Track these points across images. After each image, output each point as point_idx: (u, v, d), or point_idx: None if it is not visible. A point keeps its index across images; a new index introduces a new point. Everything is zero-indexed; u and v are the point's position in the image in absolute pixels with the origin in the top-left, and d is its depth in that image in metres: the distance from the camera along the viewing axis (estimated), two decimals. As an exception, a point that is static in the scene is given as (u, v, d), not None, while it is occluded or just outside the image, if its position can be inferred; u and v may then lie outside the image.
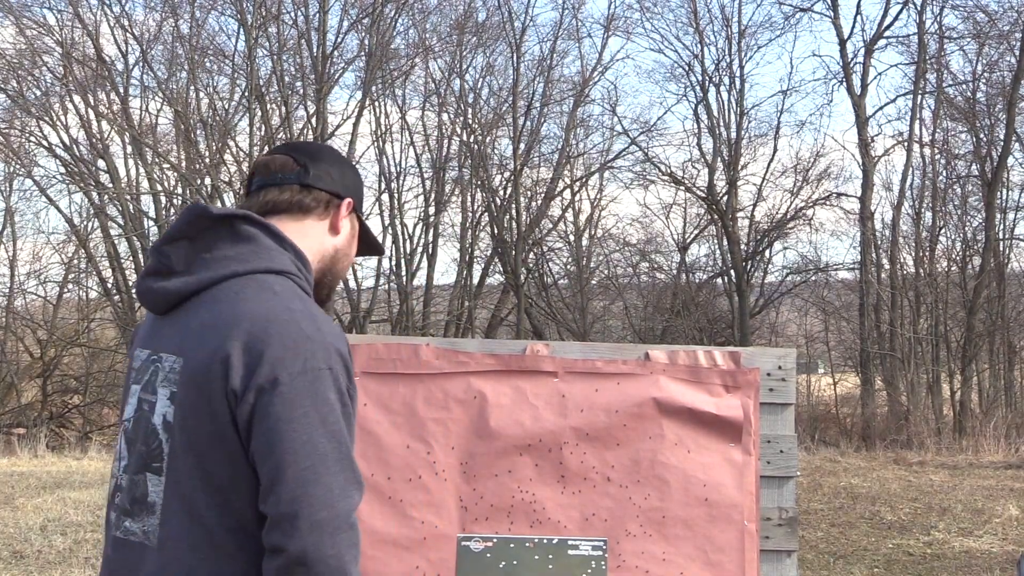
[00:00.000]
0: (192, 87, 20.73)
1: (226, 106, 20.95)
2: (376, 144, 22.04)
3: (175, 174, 20.01)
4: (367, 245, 1.96)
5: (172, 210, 20.74)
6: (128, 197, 19.87)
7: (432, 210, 22.29)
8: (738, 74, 21.83)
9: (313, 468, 1.51)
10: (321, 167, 1.83)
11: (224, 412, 1.57)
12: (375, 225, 21.47)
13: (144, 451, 1.66)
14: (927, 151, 21.05)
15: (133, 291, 21.32)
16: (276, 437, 1.52)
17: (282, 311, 1.59)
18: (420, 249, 22.31)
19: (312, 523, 1.49)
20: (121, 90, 20.11)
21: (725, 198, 21.07)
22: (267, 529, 1.52)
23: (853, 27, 21.81)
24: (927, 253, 20.52)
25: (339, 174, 1.86)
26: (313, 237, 1.81)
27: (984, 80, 21.01)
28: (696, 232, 23.44)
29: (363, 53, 20.55)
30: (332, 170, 1.84)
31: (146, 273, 1.74)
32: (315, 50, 20.07)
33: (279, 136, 19.83)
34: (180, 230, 1.70)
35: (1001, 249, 20.31)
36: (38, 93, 20.14)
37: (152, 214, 20.84)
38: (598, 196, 24.09)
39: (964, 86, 21.12)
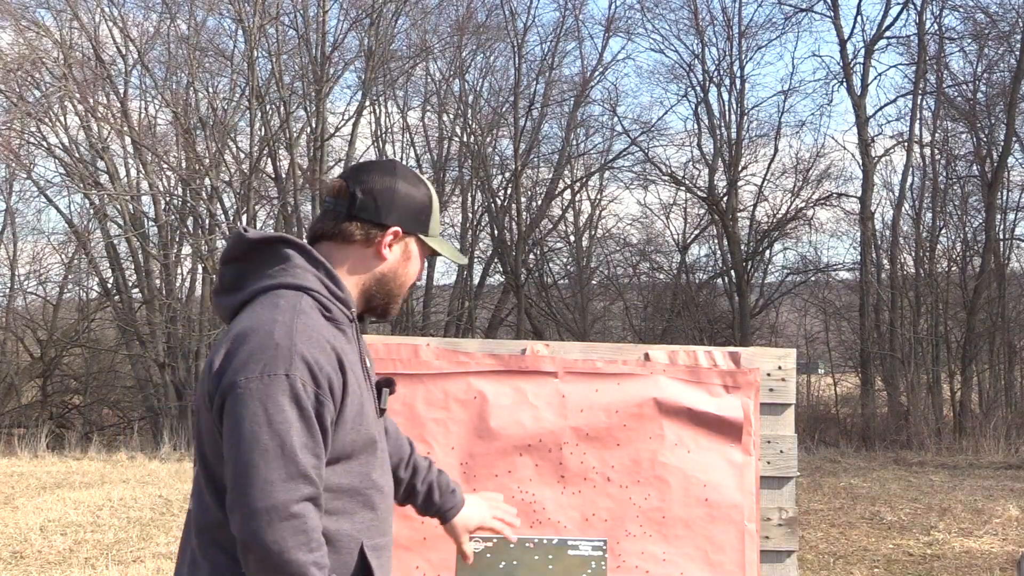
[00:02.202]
0: (191, 88, 20.74)
1: (225, 107, 20.96)
2: (376, 145, 22.05)
3: (174, 175, 20.01)
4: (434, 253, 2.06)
5: (171, 211, 20.74)
6: (128, 197, 19.86)
7: (432, 210, 22.25)
8: (739, 74, 21.84)
9: (253, 463, 1.65)
10: (369, 195, 1.93)
11: (211, 408, 1.76)
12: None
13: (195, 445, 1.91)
14: (927, 151, 21.05)
15: (132, 292, 21.37)
16: (230, 435, 1.69)
17: (267, 322, 1.77)
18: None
19: (251, 512, 1.64)
20: (120, 91, 20.11)
21: (725, 198, 21.07)
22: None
23: (853, 27, 21.84)
24: (927, 253, 20.51)
25: (388, 200, 1.94)
26: (356, 261, 1.95)
27: (984, 80, 21.02)
28: (696, 232, 23.45)
29: (363, 54, 20.55)
30: (381, 196, 1.94)
31: (213, 291, 1.99)
32: (315, 51, 20.07)
33: (279, 137, 19.84)
34: (229, 252, 1.94)
35: (1001, 249, 20.31)
36: (37, 94, 20.15)
37: (152, 214, 20.85)
38: (598, 196, 24.11)
39: (964, 86, 21.13)
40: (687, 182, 22.34)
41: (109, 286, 21.92)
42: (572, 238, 24.06)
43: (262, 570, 1.65)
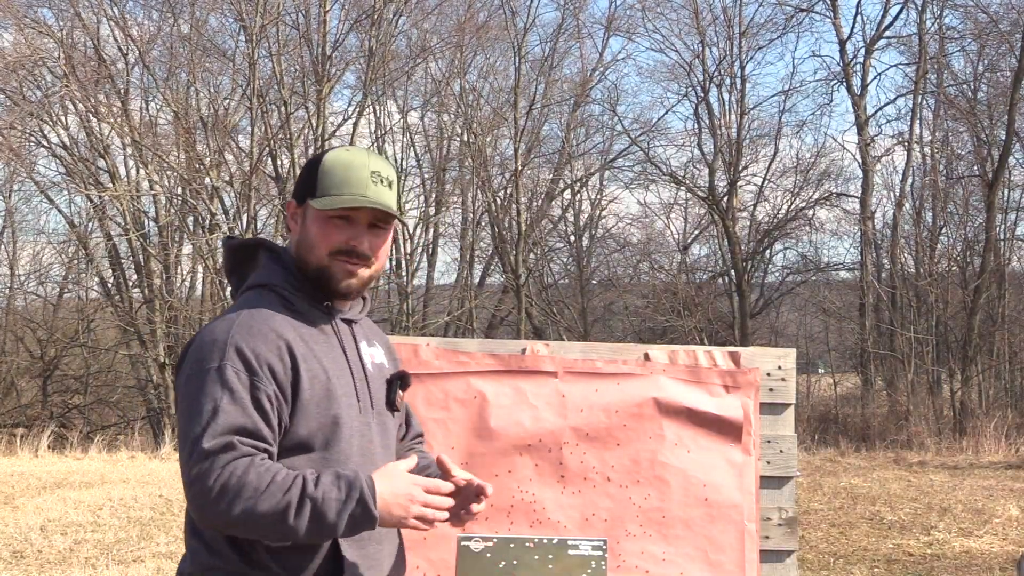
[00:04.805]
0: (192, 87, 20.75)
1: (226, 106, 20.96)
2: (376, 144, 22.04)
3: (175, 174, 20.01)
4: (337, 210, 1.96)
5: (172, 210, 20.74)
6: (128, 197, 19.87)
7: (432, 210, 22.30)
8: (739, 74, 21.85)
9: (187, 436, 1.77)
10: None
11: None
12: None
13: None
14: (927, 151, 21.06)
15: (132, 292, 21.37)
16: (177, 428, 1.85)
17: (216, 320, 1.91)
18: (420, 249, 22.33)
19: (188, 480, 1.76)
20: (121, 90, 20.11)
21: (726, 198, 21.08)
22: None
23: (853, 27, 21.84)
24: (927, 253, 20.51)
25: (295, 182, 2.09)
26: (292, 243, 2.05)
27: (985, 80, 21.03)
28: (696, 232, 23.46)
29: (363, 54, 20.55)
30: (296, 182, 2.07)
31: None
32: (315, 51, 20.07)
33: (279, 136, 19.84)
34: (225, 263, 2.10)
35: (1001, 249, 20.31)
36: (38, 93, 20.16)
37: (152, 214, 20.85)
38: (598, 196, 24.11)
39: (964, 86, 21.14)
40: (687, 182, 22.34)
41: (109, 286, 21.92)
42: (572, 238, 24.07)
43: (215, 523, 1.77)
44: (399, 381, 2.08)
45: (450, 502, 1.89)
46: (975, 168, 20.78)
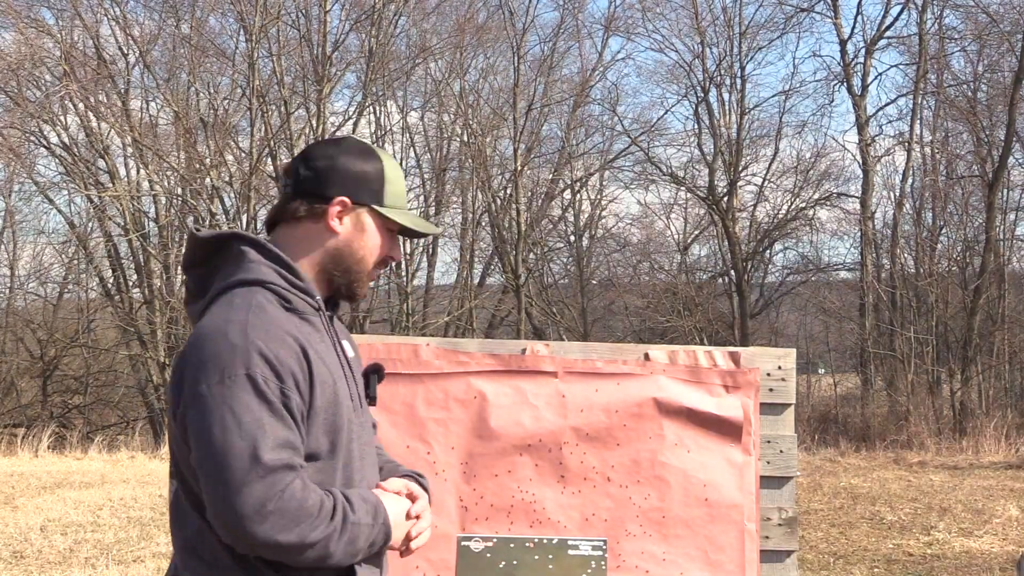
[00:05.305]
0: (192, 87, 20.75)
1: (226, 106, 20.96)
2: (376, 144, 22.00)
3: (175, 174, 20.01)
4: (403, 229, 1.95)
5: (172, 210, 20.74)
6: (128, 197, 19.87)
7: (432, 210, 22.29)
8: (739, 74, 21.84)
9: (230, 468, 1.62)
10: (311, 170, 1.87)
11: (175, 420, 1.73)
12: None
13: (171, 458, 1.86)
14: (927, 151, 21.05)
15: (133, 292, 21.38)
16: (201, 446, 1.66)
17: (221, 324, 1.72)
18: (420, 249, 22.32)
19: (237, 517, 1.61)
20: (121, 90, 20.12)
21: (726, 198, 21.08)
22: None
23: (854, 27, 21.74)
24: (927, 253, 20.51)
25: (327, 172, 1.87)
26: (308, 239, 1.88)
27: (985, 80, 21.02)
28: (697, 232, 23.46)
29: (364, 54, 20.56)
30: (322, 170, 1.87)
31: (183, 302, 2.01)
32: (315, 51, 20.08)
33: (280, 136, 19.84)
34: (187, 257, 1.89)
35: (1001, 249, 20.31)
36: (38, 93, 20.15)
37: (152, 214, 20.84)
38: (598, 196, 24.11)
39: (965, 86, 21.13)
40: (687, 182, 22.34)
41: (109, 286, 21.92)
42: (572, 238, 24.07)
43: (256, 546, 1.65)
44: (376, 374, 2.02)
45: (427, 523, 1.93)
46: (975, 168, 20.78)
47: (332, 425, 1.80)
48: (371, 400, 2.01)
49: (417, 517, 1.89)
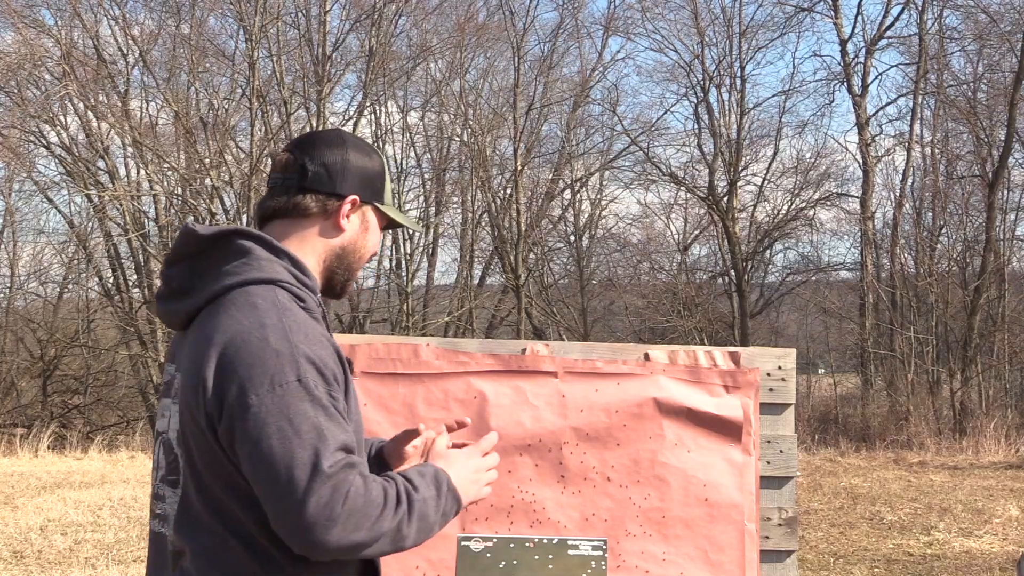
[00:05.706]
0: (192, 87, 20.76)
1: (226, 107, 20.96)
2: (376, 145, 22.03)
3: (175, 174, 20.01)
4: (388, 224, 1.97)
5: (172, 210, 20.74)
6: (128, 197, 19.87)
7: (432, 210, 22.30)
8: (739, 74, 21.85)
9: (296, 479, 1.56)
10: (320, 165, 1.82)
11: (208, 429, 1.64)
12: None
13: (165, 464, 1.76)
14: (928, 151, 21.06)
15: (133, 292, 21.37)
16: (258, 458, 1.58)
17: (255, 328, 1.64)
18: (420, 249, 22.32)
19: (308, 525, 1.56)
20: (121, 90, 20.12)
21: (726, 198, 21.08)
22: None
23: (854, 27, 21.72)
24: (927, 253, 20.51)
25: (340, 169, 1.84)
26: (314, 236, 1.84)
27: (985, 80, 21.03)
28: (697, 232, 23.46)
29: (364, 54, 20.57)
30: (334, 166, 1.83)
31: (157, 296, 1.84)
32: (316, 51, 20.09)
33: (279, 136, 19.84)
34: (178, 252, 1.80)
35: (1001, 249, 20.30)
36: (38, 93, 20.16)
37: (152, 214, 20.84)
38: (598, 196, 24.11)
39: (965, 86, 21.13)
40: (687, 182, 22.34)
41: (109, 286, 21.92)
42: (572, 238, 24.07)
43: (331, 550, 1.62)
44: (350, 362, 1.99)
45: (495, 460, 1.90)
46: (975, 168, 20.78)
47: (357, 424, 1.79)
48: None
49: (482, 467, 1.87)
